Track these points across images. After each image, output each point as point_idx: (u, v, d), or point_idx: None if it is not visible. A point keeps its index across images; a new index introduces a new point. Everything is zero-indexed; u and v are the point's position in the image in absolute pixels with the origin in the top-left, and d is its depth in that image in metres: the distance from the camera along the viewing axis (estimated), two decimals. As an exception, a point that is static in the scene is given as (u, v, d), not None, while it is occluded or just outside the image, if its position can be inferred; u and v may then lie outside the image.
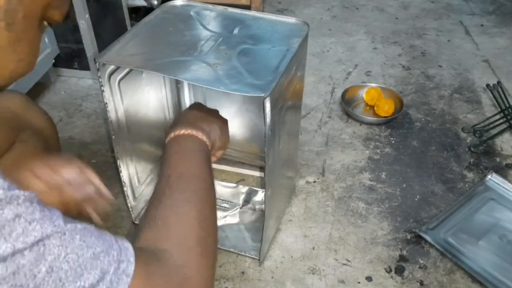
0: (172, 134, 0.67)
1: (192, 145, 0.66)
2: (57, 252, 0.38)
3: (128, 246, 0.45)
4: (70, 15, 0.52)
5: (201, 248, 0.54)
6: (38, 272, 0.36)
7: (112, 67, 0.83)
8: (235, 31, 0.87)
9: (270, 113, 0.72)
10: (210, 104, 1.14)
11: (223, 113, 1.16)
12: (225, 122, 0.80)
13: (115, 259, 0.43)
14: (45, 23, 0.49)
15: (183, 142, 0.66)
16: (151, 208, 0.57)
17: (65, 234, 0.39)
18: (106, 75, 0.83)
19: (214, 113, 0.79)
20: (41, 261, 0.37)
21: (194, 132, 0.67)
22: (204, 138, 0.68)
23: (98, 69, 0.80)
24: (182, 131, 0.67)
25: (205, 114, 0.76)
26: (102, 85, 0.82)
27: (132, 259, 0.44)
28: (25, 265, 0.36)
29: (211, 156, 0.69)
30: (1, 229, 0.35)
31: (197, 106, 0.80)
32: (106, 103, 0.84)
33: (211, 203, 0.61)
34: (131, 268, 0.44)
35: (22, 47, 0.47)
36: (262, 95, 0.69)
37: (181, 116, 0.75)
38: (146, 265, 0.46)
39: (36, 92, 1.46)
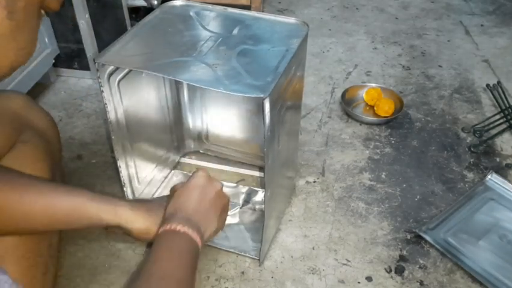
0: (168, 227, 0.63)
1: (183, 246, 0.63)
2: None
3: None
4: (65, 3, 0.53)
5: None
6: None
7: (111, 67, 0.83)
8: (235, 31, 0.87)
9: (269, 113, 0.72)
10: (210, 104, 1.16)
11: (223, 113, 1.16)
12: (226, 203, 0.75)
13: None
14: (42, 11, 0.50)
15: (175, 239, 0.63)
16: None
17: None
18: (106, 76, 0.83)
19: (218, 194, 0.73)
20: None
21: (189, 232, 0.63)
22: (198, 239, 0.64)
23: (97, 70, 0.80)
24: (178, 227, 0.63)
25: (206, 199, 0.70)
26: (101, 85, 0.82)
27: None
28: None
29: (199, 254, 0.66)
30: None
31: (199, 183, 0.71)
32: (106, 103, 0.84)
33: None
34: None
35: (23, 35, 0.47)
36: (262, 95, 0.69)
37: (181, 202, 0.69)
38: None
39: (36, 92, 1.46)
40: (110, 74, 0.84)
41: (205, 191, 0.70)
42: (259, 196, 1.11)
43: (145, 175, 1.05)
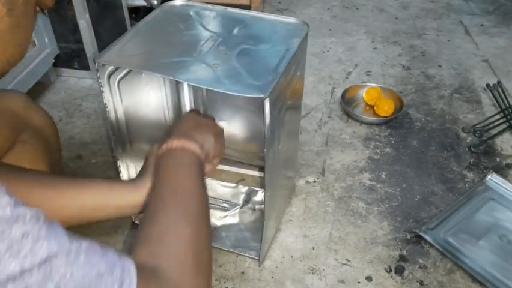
0: (165, 147, 0.65)
1: (185, 159, 0.65)
2: (63, 272, 0.38)
3: (130, 265, 0.45)
4: (58, 1, 0.53)
5: (197, 266, 0.54)
6: None
7: (111, 67, 0.83)
8: (235, 31, 0.87)
9: (269, 113, 0.72)
10: (210, 104, 1.16)
11: (223, 113, 1.16)
12: (220, 130, 0.78)
13: (118, 278, 0.43)
14: (37, 8, 0.50)
15: (176, 156, 0.65)
16: (146, 225, 0.56)
17: (70, 253, 0.40)
18: (106, 76, 0.83)
19: (210, 122, 0.77)
20: (48, 280, 0.37)
21: (186, 145, 0.65)
22: (197, 150, 0.66)
23: (97, 70, 0.79)
24: (175, 144, 0.65)
25: (199, 123, 0.74)
26: (101, 85, 0.82)
27: (134, 279, 0.44)
28: (33, 284, 0.36)
29: (204, 167, 0.68)
30: (10, 248, 0.36)
31: (192, 115, 0.77)
32: (106, 103, 0.84)
33: (206, 218, 0.61)
34: (133, 286, 0.44)
35: (21, 32, 0.48)
36: (262, 95, 0.69)
37: (175, 125, 0.73)
38: (147, 284, 0.46)
39: (36, 91, 1.46)
40: (110, 74, 0.84)
41: (197, 121, 0.74)
42: (259, 196, 1.11)
43: (145, 175, 1.05)
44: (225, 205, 1.10)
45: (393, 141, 1.32)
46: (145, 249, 0.53)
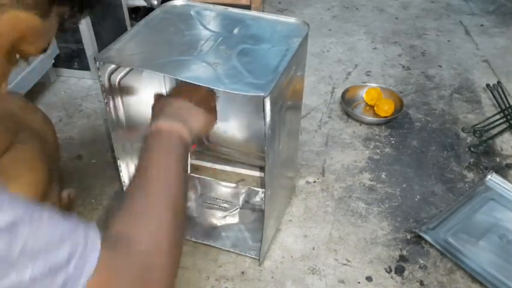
0: (153, 127, 0.67)
1: (170, 141, 0.66)
2: (28, 234, 0.40)
3: (94, 227, 0.47)
4: (47, 49, 0.50)
5: (169, 242, 0.55)
6: (12, 251, 0.39)
7: (112, 66, 0.83)
8: (235, 31, 0.87)
9: (270, 112, 0.72)
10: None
11: (223, 113, 1.16)
12: (211, 104, 0.78)
13: (82, 239, 0.44)
14: (17, 56, 0.48)
15: (162, 138, 0.66)
16: (126, 200, 0.58)
17: (33, 216, 0.42)
18: (106, 75, 0.83)
19: (201, 97, 0.76)
20: (13, 242, 0.39)
21: (175, 126, 0.67)
22: (184, 133, 0.67)
23: (98, 69, 0.79)
24: (164, 125, 0.67)
25: (190, 101, 0.73)
26: (102, 84, 0.82)
27: (98, 241, 0.46)
28: (0, 247, 0.38)
29: (189, 149, 0.70)
30: None
31: (184, 91, 0.76)
32: (106, 102, 0.84)
33: (183, 196, 0.62)
34: (97, 247, 0.45)
35: None
36: (262, 94, 0.69)
37: (166, 103, 0.72)
38: (113, 248, 0.48)
39: (36, 92, 1.46)
40: (111, 73, 0.84)
41: (189, 96, 0.74)
42: (259, 196, 1.11)
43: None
44: (225, 205, 1.10)
45: (393, 141, 1.32)
46: (122, 221, 0.54)
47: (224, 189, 1.15)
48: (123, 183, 0.97)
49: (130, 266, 0.49)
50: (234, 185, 1.15)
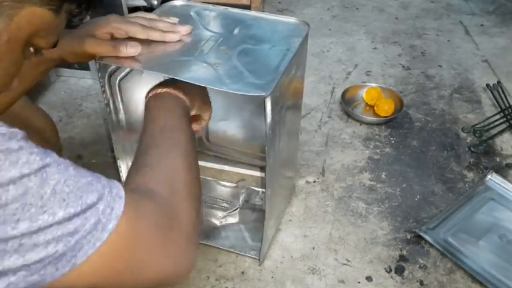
0: (152, 93, 0.69)
1: (171, 101, 0.68)
2: (58, 178, 0.43)
3: (116, 181, 0.50)
4: (57, 44, 0.52)
5: (187, 191, 0.57)
6: (44, 193, 0.42)
7: (112, 67, 0.83)
8: (236, 31, 0.87)
9: (270, 112, 0.72)
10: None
11: (224, 113, 1.16)
12: (205, 91, 0.80)
13: (107, 186, 0.48)
14: (31, 49, 0.49)
15: (162, 99, 0.68)
16: (138, 158, 0.60)
17: (60, 165, 0.45)
18: (106, 75, 0.83)
19: (197, 88, 0.77)
20: (45, 184, 0.42)
21: (172, 90, 0.69)
22: (181, 95, 0.69)
23: (98, 69, 0.79)
24: (161, 90, 0.69)
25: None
26: (102, 85, 0.82)
27: (121, 187, 0.49)
28: (32, 187, 0.41)
29: (189, 111, 0.71)
30: (8, 157, 0.40)
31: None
32: (106, 103, 0.84)
33: (194, 152, 0.64)
34: (122, 193, 0.49)
35: (1, 68, 0.47)
36: (263, 94, 0.69)
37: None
38: (137, 200, 0.50)
39: (36, 92, 1.46)
40: (111, 74, 0.84)
41: (184, 85, 0.75)
42: (259, 196, 1.11)
43: (145, 175, 1.05)
44: (225, 205, 1.10)
45: (393, 141, 1.32)
46: (138, 176, 0.57)
47: (224, 189, 1.15)
48: (123, 183, 0.97)
49: (154, 209, 0.52)
50: (234, 185, 1.15)
